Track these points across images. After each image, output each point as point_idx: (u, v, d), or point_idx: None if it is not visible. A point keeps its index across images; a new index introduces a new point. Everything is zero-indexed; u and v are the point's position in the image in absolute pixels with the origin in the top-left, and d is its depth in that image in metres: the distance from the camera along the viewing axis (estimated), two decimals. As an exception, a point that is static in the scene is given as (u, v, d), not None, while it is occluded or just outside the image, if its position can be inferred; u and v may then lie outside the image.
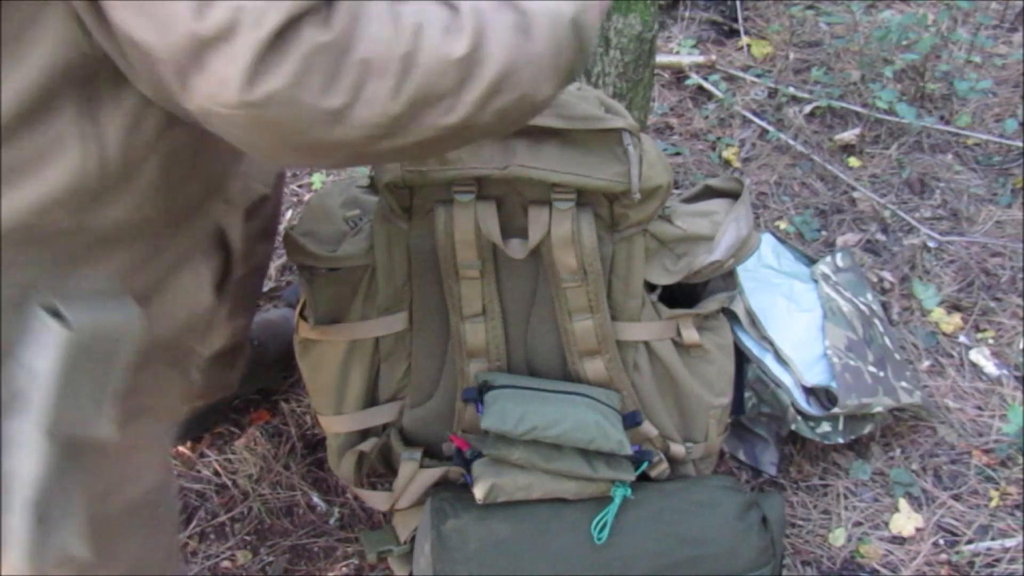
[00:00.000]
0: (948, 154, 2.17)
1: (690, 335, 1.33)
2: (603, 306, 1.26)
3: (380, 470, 1.47)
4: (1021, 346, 1.76)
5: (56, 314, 0.74)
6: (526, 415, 1.21)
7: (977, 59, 2.40)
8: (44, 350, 0.74)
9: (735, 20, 2.52)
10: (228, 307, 1.04)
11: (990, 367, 1.73)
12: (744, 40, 2.48)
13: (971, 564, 1.45)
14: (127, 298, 0.81)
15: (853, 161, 2.15)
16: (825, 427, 1.50)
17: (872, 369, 1.53)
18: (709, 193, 1.41)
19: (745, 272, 1.55)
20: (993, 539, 1.49)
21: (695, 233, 1.28)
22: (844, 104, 2.25)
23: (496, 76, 0.69)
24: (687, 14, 2.55)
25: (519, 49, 0.70)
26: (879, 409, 1.50)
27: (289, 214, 2.02)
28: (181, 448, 1.58)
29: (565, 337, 1.30)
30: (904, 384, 1.56)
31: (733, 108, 2.26)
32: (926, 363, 1.74)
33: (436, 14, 0.68)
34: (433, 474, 1.34)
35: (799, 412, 1.48)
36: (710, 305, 1.35)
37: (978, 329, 1.80)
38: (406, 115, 0.67)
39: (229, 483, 1.55)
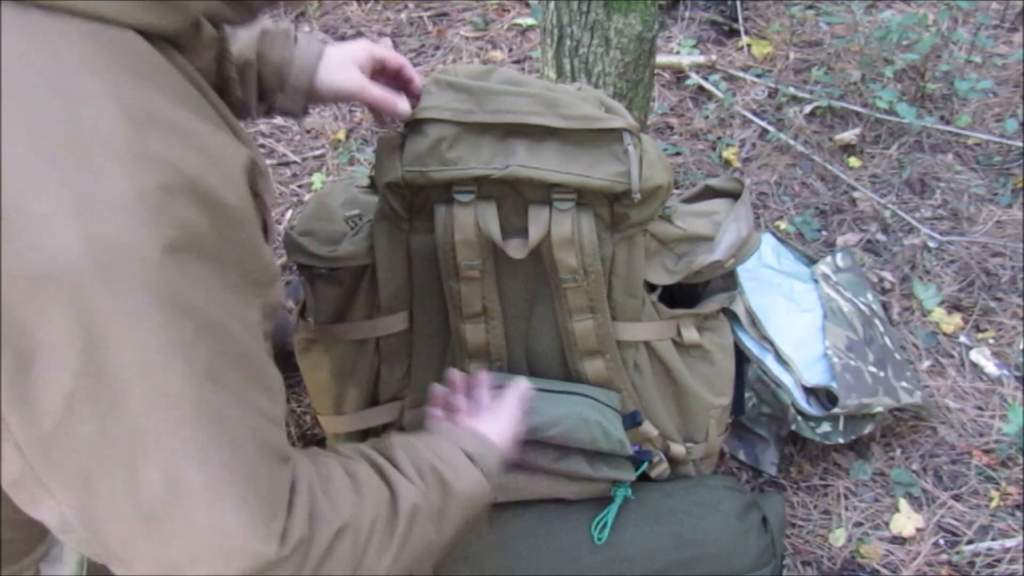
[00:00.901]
0: (948, 154, 2.17)
1: (690, 335, 1.33)
2: (603, 306, 1.26)
3: (380, 470, 1.46)
4: (1021, 346, 1.76)
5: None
6: (526, 415, 1.21)
7: (977, 59, 2.40)
8: (63, 565, 0.78)
9: (735, 20, 2.52)
10: None
11: (990, 367, 1.73)
12: (744, 40, 2.48)
13: (971, 564, 1.45)
14: None
15: (853, 161, 2.15)
16: (825, 427, 1.50)
17: (872, 369, 1.53)
18: (709, 193, 1.41)
19: (745, 272, 1.54)
20: (993, 539, 1.49)
21: (695, 233, 1.28)
22: (844, 104, 2.25)
23: None
24: (687, 14, 2.55)
25: None
26: (879, 409, 1.50)
27: (289, 214, 2.02)
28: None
29: (565, 337, 1.29)
30: (904, 384, 1.56)
31: (733, 108, 2.26)
32: (926, 363, 1.74)
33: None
34: (433, 474, 1.34)
35: (799, 412, 1.48)
36: (710, 305, 1.35)
37: (978, 329, 1.80)
38: None
39: (229, 483, 1.55)
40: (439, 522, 0.80)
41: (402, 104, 1.11)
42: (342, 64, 1.07)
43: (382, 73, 1.13)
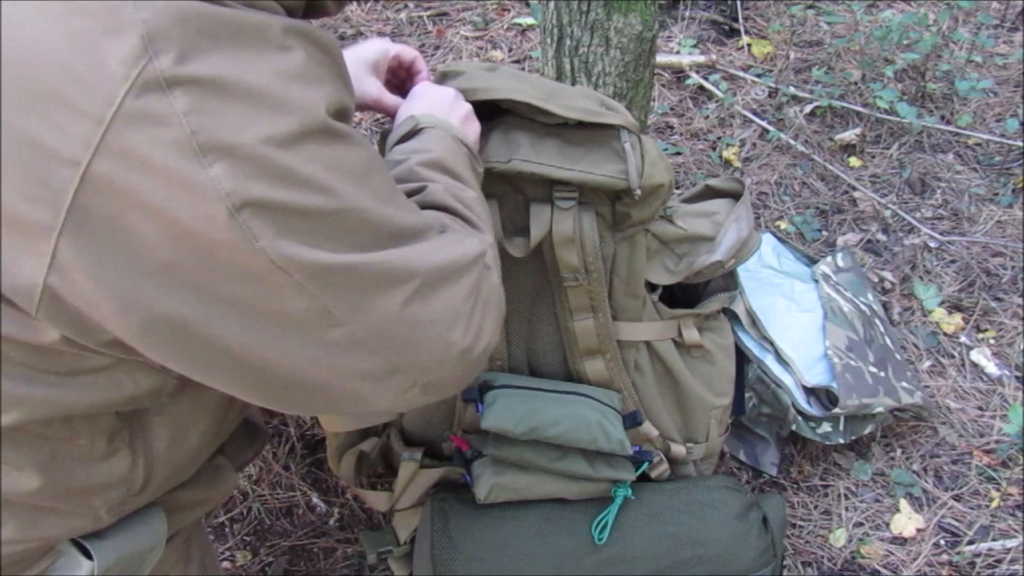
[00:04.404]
0: (949, 154, 2.17)
1: (691, 335, 1.33)
2: (604, 306, 1.26)
3: (380, 470, 1.46)
4: (1022, 346, 1.76)
5: (85, 551, 0.80)
6: (526, 415, 1.20)
7: (978, 59, 2.39)
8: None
9: (735, 20, 2.52)
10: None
11: (991, 367, 1.73)
12: (744, 40, 2.48)
13: (972, 565, 1.45)
14: (156, 508, 0.88)
15: (854, 161, 2.15)
16: (826, 427, 1.49)
17: (873, 369, 1.52)
18: (710, 193, 1.41)
19: (746, 272, 1.54)
20: (994, 540, 1.48)
21: (696, 233, 1.28)
22: (845, 104, 2.24)
23: None
24: (687, 14, 2.54)
25: None
26: (880, 409, 1.50)
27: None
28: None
29: (566, 337, 1.29)
30: (905, 384, 1.56)
31: (733, 108, 2.26)
32: (927, 363, 1.74)
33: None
34: (433, 474, 1.34)
35: (800, 412, 1.47)
36: (711, 305, 1.35)
37: (979, 329, 1.80)
38: None
39: (228, 483, 1.55)
40: (461, 181, 0.93)
41: None
42: (359, 76, 1.09)
43: (398, 67, 1.17)
